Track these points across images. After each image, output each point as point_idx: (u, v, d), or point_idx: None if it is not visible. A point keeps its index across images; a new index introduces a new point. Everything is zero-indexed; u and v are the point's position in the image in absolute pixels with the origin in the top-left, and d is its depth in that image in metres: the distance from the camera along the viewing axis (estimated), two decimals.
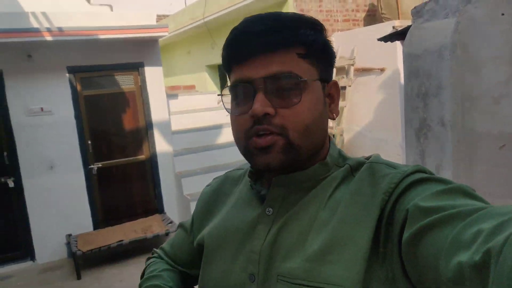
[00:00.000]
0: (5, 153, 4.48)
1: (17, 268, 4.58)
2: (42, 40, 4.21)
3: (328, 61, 0.68)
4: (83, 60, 4.74)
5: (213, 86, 8.65)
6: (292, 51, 0.63)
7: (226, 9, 6.38)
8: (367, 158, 0.68)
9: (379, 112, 5.18)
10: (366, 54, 5.23)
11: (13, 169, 4.51)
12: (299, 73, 0.62)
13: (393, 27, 4.83)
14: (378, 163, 0.65)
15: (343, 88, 5.50)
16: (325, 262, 0.58)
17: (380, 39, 3.46)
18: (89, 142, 4.87)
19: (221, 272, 0.71)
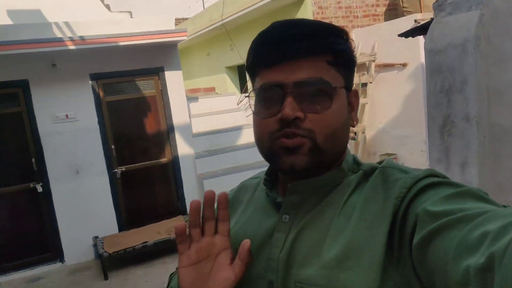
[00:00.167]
0: (33, 159, 4.64)
1: (47, 269, 4.74)
2: (65, 49, 4.34)
3: (352, 69, 0.70)
4: (105, 67, 4.85)
5: (233, 87, 8.69)
6: (322, 58, 0.64)
7: (244, 9, 6.39)
8: (380, 162, 0.69)
9: (402, 108, 5.07)
10: (388, 50, 5.13)
11: (41, 175, 4.67)
12: (329, 80, 0.64)
13: (415, 21, 4.71)
14: (391, 168, 0.65)
15: (364, 85, 5.41)
16: (343, 269, 0.58)
17: (400, 35, 3.38)
18: (113, 147, 4.98)
19: None
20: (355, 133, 5.51)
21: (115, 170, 5.00)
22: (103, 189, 4.93)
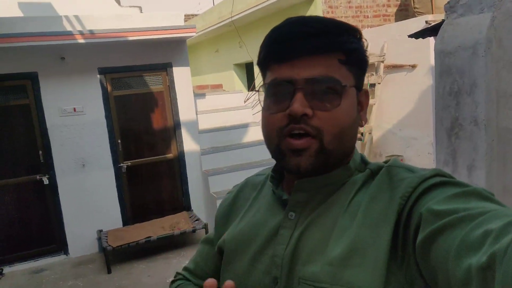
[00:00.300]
0: (40, 152, 4.68)
1: (51, 261, 4.78)
2: (74, 42, 4.36)
3: (363, 69, 0.70)
4: (113, 61, 4.87)
5: (240, 85, 8.69)
6: (334, 56, 0.64)
7: (254, 7, 6.37)
8: (386, 162, 0.69)
9: (410, 110, 5.03)
10: (397, 51, 5.08)
11: (48, 167, 4.71)
12: (340, 79, 0.64)
13: (426, 22, 4.66)
14: (397, 167, 0.65)
15: (373, 85, 5.38)
16: (347, 266, 0.59)
17: (411, 36, 3.34)
18: (119, 141, 5.01)
19: (241, 274, 0.72)
20: (361, 134, 5.47)
21: (121, 165, 5.03)
22: (108, 183, 4.95)
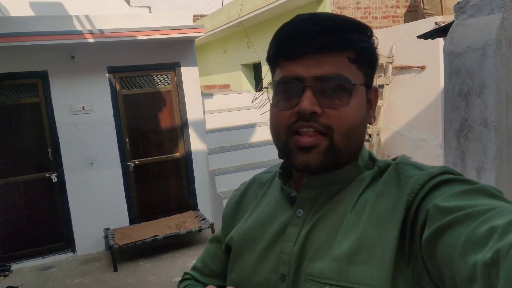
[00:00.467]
0: (49, 150, 4.73)
1: (58, 259, 4.82)
2: (84, 41, 4.40)
3: (373, 67, 0.69)
4: (122, 60, 4.91)
5: (248, 85, 8.70)
6: (344, 54, 0.64)
7: (262, 8, 6.38)
8: (395, 159, 0.69)
9: (419, 111, 4.99)
10: (406, 52, 5.05)
11: (57, 165, 4.75)
12: (349, 77, 0.63)
13: (436, 23, 4.62)
14: (405, 164, 0.65)
15: (381, 86, 5.35)
16: (354, 263, 0.59)
17: (419, 36, 3.32)
18: (127, 140, 5.04)
19: (249, 271, 0.72)
20: (369, 135, 5.45)
21: (129, 163, 5.06)
22: (116, 181, 4.99)
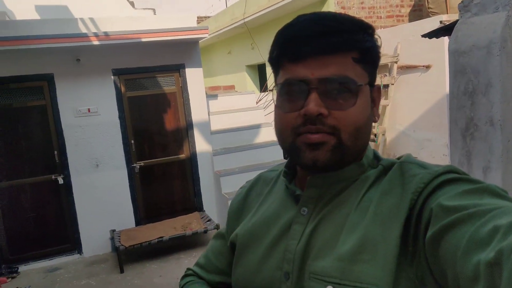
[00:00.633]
0: (55, 152, 4.76)
1: (65, 260, 4.85)
2: (89, 44, 4.43)
3: (376, 65, 0.70)
4: (127, 62, 4.93)
5: (253, 86, 8.70)
6: (349, 55, 0.63)
7: (266, 9, 6.38)
8: (399, 158, 0.69)
9: (424, 111, 4.96)
10: (411, 51, 5.03)
11: (63, 167, 4.78)
12: (354, 77, 0.63)
13: (441, 22, 4.60)
14: (409, 163, 0.65)
15: (386, 86, 5.32)
16: (357, 262, 0.59)
17: (424, 35, 3.30)
18: (132, 142, 5.06)
19: (253, 268, 0.72)
20: (375, 135, 5.42)
21: (134, 165, 5.08)
22: (121, 183, 5.01)
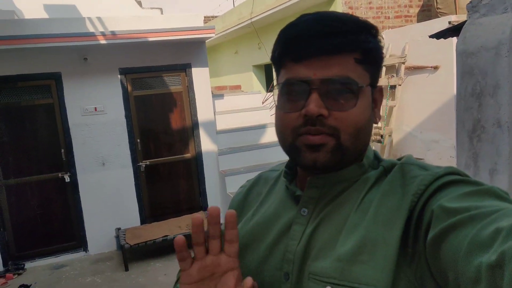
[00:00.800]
0: (62, 150, 4.80)
1: (71, 258, 4.89)
2: (97, 43, 4.46)
3: (379, 66, 0.69)
4: (134, 62, 4.96)
5: (259, 86, 8.70)
6: (351, 55, 0.63)
7: (273, 8, 6.37)
8: (400, 159, 0.68)
9: (432, 112, 4.92)
10: (419, 52, 4.98)
11: (69, 165, 4.82)
12: (355, 78, 0.63)
13: (449, 23, 4.55)
14: (410, 164, 0.65)
15: (393, 87, 5.28)
16: (356, 262, 0.58)
17: (432, 36, 3.27)
18: (138, 141, 5.08)
19: (253, 269, 0.71)
20: (381, 136, 5.39)
21: (140, 164, 5.10)
22: (127, 181, 5.03)
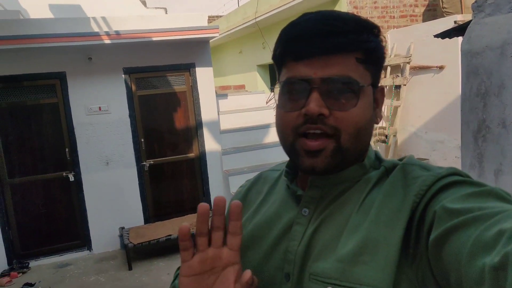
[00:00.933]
0: (67, 149, 4.82)
1: (75, 256, 4.91)
2: (101, 43, 4.47)
3: (380, 66, 0.69)
4: (138, 61, 4.97)
5: (263, 86, 8.69)
6: (352, 55, 0.63)
7: (278, 8, 6.36)
8: (401, 159, 0.68)
9: (437, 112, 4.88)
10: (424, 52, 4.95)
11: (74, 165, 4.84)
12: (356, 78, 0.63)
13: (455, 22, 4.52)
14: (411, 165, 0.65)
15: (398, 87, 5.25)
16: (358, 263, 0.58)
17: (436, 36, 3.25)
18: (142, 140, 5.09)
19: (253, 269, 0.70)
20: (386, 136, 5.36)
21: (144, 163, 5.11)
22: (131, 181, 5.05)
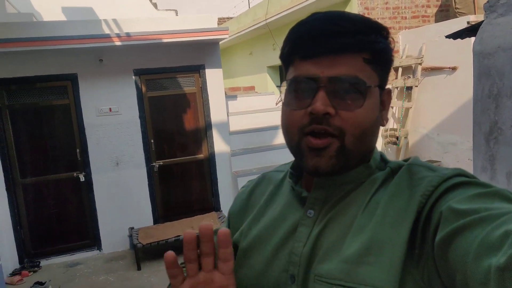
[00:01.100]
0: (77, 150, 4.88)
1: (85, 256, 4.97)
2: (112, 45, 4.52)
3: (388, 68, 0.68)
4: (148, 63, 5.00)
5: (273, 87, 8.68)
6: (360, 55, 0.63)
7: (288, 9, 6.35)
8: (407, 160, 0.68)
9: (449, 114, 4.81)
10: (436, 53, 4.88)
11: (84, 165, 4.90)
12: (364, 78, 0.63)
13: (468, 23, 4.44)
14: (417, 165, 0.65)
15: (409, 88, 5.19)
16: (363, 264, 0.58)
17: (448, 36, 3.20)
18: (152, 141, 5.13)
19: (258, 271, 0.71)
20: (397, 138, 5.30)
21: (153, 164, 5.14)
22: (140, 181, 5.08)
